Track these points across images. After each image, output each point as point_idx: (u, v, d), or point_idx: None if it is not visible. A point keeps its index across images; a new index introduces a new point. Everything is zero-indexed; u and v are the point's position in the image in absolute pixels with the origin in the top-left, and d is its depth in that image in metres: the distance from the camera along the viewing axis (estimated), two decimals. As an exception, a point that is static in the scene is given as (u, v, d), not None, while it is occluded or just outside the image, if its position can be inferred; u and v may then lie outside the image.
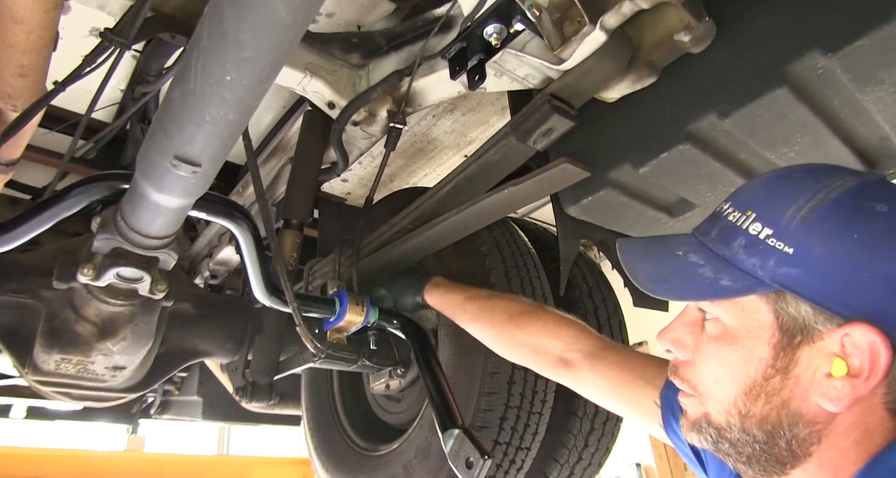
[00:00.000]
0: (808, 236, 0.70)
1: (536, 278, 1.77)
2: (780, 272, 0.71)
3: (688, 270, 0.78)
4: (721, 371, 0.78)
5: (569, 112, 1.39)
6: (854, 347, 0.68)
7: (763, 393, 0.73)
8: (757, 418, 0.74)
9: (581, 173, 1.35)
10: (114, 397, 1.58)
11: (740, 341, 0.76)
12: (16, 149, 1.76)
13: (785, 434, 0.72)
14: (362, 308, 1.62)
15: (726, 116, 1.30)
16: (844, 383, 0.69)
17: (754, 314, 0.75)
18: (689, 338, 0.83)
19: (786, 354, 0.72)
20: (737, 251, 0.75)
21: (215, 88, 0.87)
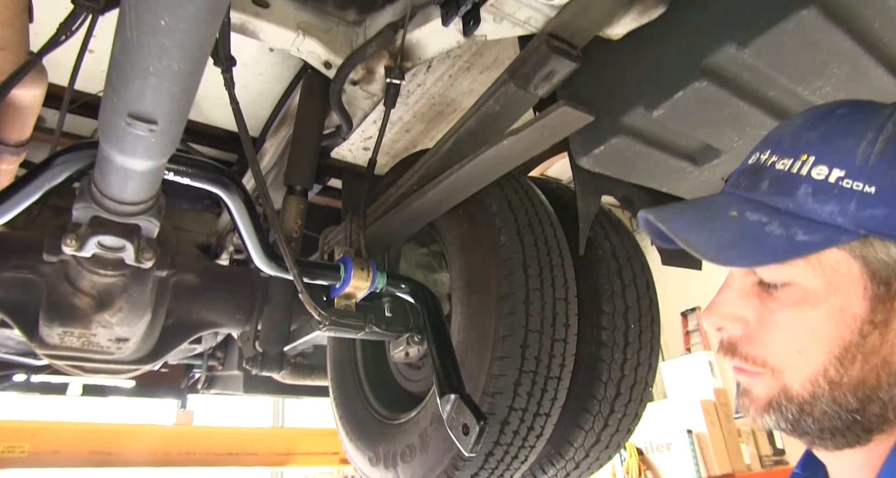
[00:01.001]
0: (886, 171, 0.63)
1: (553, 237, 1.68)
2: (864, 215, 0.63)
3: (754, 231, 0.69)
4: (804, 338, 0.68)
5: (570, 52, 1.29)
6: None
7: (860, 354, 0.65)
8: (852, 384, 0.66)
9: (583, 117, 1.25)
10: (125, 369, 1.59)
11: (826, 301, 0.67)
12: (23, 130, 1.76)
13: (882, 397, 0.65)
14: (368, 273, 1.57)
15: (746, 46, 1.17)
16: None
17: (837, 268, 0.66)
18: (749, 310, 0.73)
19: (884, 306, 0.65)
20: (804, 200, 0.67)
21: (152, 36, 0.82)
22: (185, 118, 0.99)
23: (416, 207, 1.60)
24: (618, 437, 1.79)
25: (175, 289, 1.55)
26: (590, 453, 1.81)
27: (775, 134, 0.75)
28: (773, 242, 0.68)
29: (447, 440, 1.57)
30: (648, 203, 1.79)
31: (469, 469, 1.56)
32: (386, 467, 1.78)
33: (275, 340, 1.66)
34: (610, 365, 1.74)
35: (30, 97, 1.66)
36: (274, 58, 2.14)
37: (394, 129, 2.49)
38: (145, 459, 3.70)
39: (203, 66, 0.92)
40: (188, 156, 1.25)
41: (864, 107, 0.69)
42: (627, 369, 1.77)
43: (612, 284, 1.80)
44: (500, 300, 1.53)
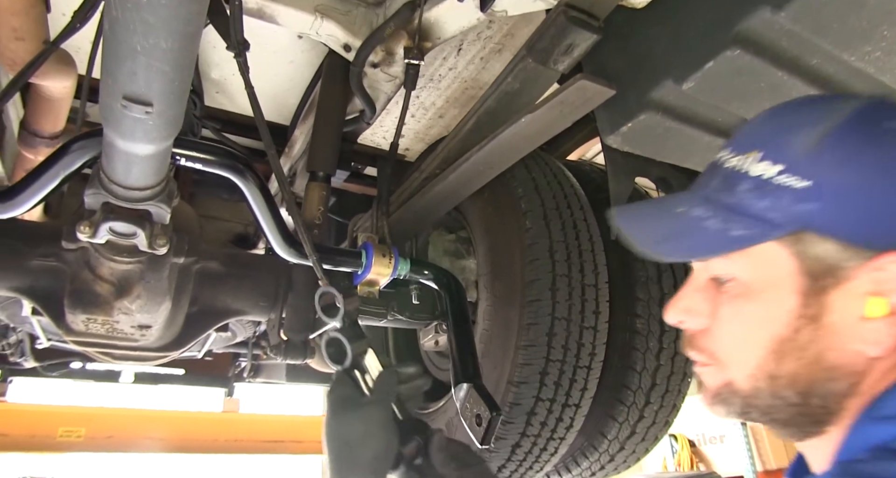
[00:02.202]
0: (823, 165, 0.63)
1: (582, 221, 1.61)
2: (796, 210, 0.64)
3: (693, 225, 0.71)
4: (743, 332, 0.70)
5: (590, 23, 1.21)
6: (890, 282, 0.61)
7: (794, 348, 0.66)
8: (788, 378, 0.66)
9: (604, 92, 1.18)
10: (152, 356, 1.61)
11: (761, 295, 0.68)
12: (56, 122, 1.80)
13: (819, 391, 0.65)
14: (390, 260, 1.53)
15: (782, 9, 1.08)
16: (883, 322, 0.61)
17: (773, 262, 0.67)
18: (703, 304, 0.74)
19: (815, 301, 0.65)
20: (743, 197, 0.68)
21: (135, 13, 0.79)
22: (183, 100, 0.97)
23: (438, 191, 1.56)
24: (654, 429, 1.72)
25: (198, 276, 1.55)
26: (625, 446, 1.74)
27: (738, 131, 0.76)
28: (709, 236, 0.69)
29: (472, 430, 1.53)
30: (685, 183, 1.70)
31: (496, 460, 1.52)
32: (414, 456, 1.76)
33: (299, 327, 1.65)
34: (644, 354, 1.66)
35: (60, 89, 1.69)
36: (304, 45, 2.12)
37: (427, 114, 2.45)
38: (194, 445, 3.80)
39: (195, 43, 0.90)
40: (201, 141, 1.24)
41: (821, 101, 0.71)
42: (664, 359, 1.69)
43: (646, 269, 1.72)
44: (525, 287, 1.48)
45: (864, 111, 0.65)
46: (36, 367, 2.77)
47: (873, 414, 0.61)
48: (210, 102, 2.41)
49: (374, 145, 2.67)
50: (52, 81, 1.62)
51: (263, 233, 1.39)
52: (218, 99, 2.45)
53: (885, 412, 0.60)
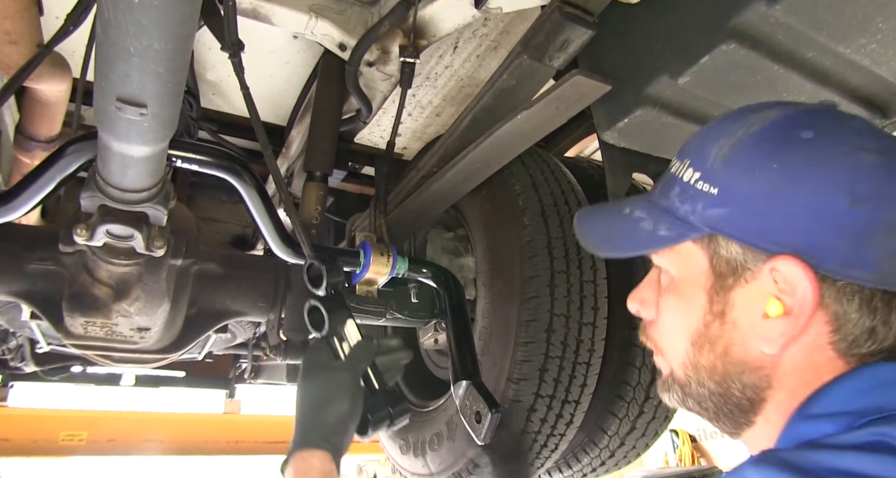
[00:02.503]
0: (729, 173, 0.68)
1: (580, 218, 1.60)
2: (708, 215, 0.69)
3: (631, 226, 0.77)
4: (672, 324, 0.76)
5: (585, 19, 1.21)
6: (785, 283, 0.64)
7: (707, 342, 0.71)
8: (707, 369, 0.72)
9: (599, 87, 1.18)
10: (152, 358, 1.61)
11: (683, 290, 0.74)
12: (52, 125, 1.79)
13: (735, 383, 0.70)
14: (388, 259, 1.53)
15: (777, 2, 1.08)
16: (778, 322, 0.65)
17: (692, 261, 0.73)
18: (652, 295, 0.81)
19: (720, 298, 0.70)
20: (673, 201, 0.73)
21: (128, 14, 0.79)
22: (177, 101, 0.97)
23: (435, 189, 1.55)
24: (654, 424, 1.72)
25: (197, 278, 1.55)
26: (625, 442, 1.74)
27: (688, 140, 0.80)
28: (641, 235, 0.75)
29: (473, 428, 1.53)
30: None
31: (496, 458, 1.52)
32: (415, 454, 1.76)
33: (298, 327, 1.65)
34: (644, 349, 1.66)
35: (55, 92, 1.69)
36: (299, 45, 2.12)
37: (424, 113, 2.45)
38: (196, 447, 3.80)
39: (188, 45, 0.90)
40: (198, 142, 1.24)
41: (748, 111, 0.74)
42: (663, 353, 1.69)
43: (645, 265, 1.71)
44: (524, 283, 1.48)
45: (781, 121, 0.69)
46: (36, 371, 2.77)
47: (804, 413, 0.64)
48: (206, 104, 2.40)
49: (372, 145, 2.67)
50: (46, 85, 1.62)
51: (261, 234, 1.39)
52: (214, 100, 2.44)
53: (813, 411, 0.63)
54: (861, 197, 0.62)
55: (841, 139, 0.66)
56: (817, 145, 0.65)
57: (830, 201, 0.62)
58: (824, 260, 0.63)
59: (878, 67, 1.23)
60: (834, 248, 0.62)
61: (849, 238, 0.62)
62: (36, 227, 1.48)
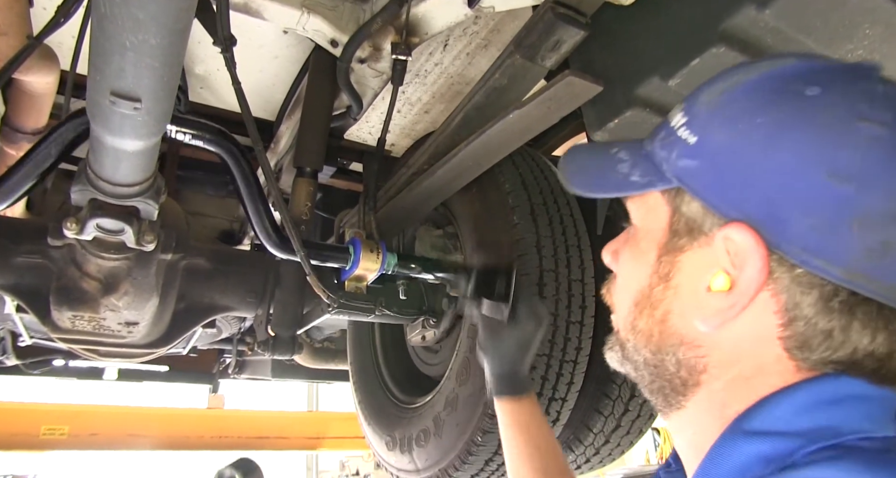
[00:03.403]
0: (711, 122, 0.59)
1: (569, 216, 1.62)
2: (679, 165, 0.61)
3: (609, 166, 0.69)
4: (622, 278, 0.70)
5: (577, 20, 1.22)
6: (735, 256, 0.56)
7: (648, 305, 0.65)
8: (644, 335, 0.65)
9: (592, 88, 1.19)
10: (139, 353, 1.60)
11: (639, 244, 0.68)
12: (39, 118, 1.77)
13: (670, 356, 0.63)
14: (377, 255, 1.54)
15: (766, 6, 1.09)
16: (721, 298, 0.57)
17: (655, 213, 0.66)
18: (619, 245, 0.74)
19: (668, 259, 0.63)
20: (656, 144, 0.65)
21: (124, 8, 0.79)
22: (171, 96, 0.97)
23: (426, 186, 1.56)
24: (639, 422, 1.74)
25: (185, 273, 1.55)
26: (610, 439, 1.76)
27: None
28: (614, 177, 0.67)
29: (460, 425, 1.54)
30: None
31: (483, 454, 1.53)
32: (402, 451, 1.77)
33: (286, 323, 1.65)
34: (630, 348, 1.68)
35: (43, 84, 1.67)
36: (289, 40, 2.11)
37: (413, 110, 2.45)
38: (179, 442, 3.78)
39: (184, 39, 0.90)
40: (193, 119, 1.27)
41: (765, 57, 0.64)
42: (649, 352, 1.71)
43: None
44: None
45: (789, 71, 0.58)
46: (18, 365, 2.74)
47: (744, 427, 0.56)
48: (194, 98, 2.39)
49: (360, 141, 2.67)
50: (35, 77, 1.60)
51: (249, 221, 1.39)
52: (202, 94, 2.43)
53: (755, 426, 0.55)
54: (842, 174, 0.51)
55: (844, 101, 0.54)
56: (816, 104, 0.54)
57: (804, 171, 0.53)
58: (783, 239, 0.53)
59: (863, 73, 1.25)
60: (797, 227, 0.53)
61: (817, 219, 0.52)
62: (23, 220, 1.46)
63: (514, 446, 1.18)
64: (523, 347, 1.27)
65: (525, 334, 1.28)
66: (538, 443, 1.17)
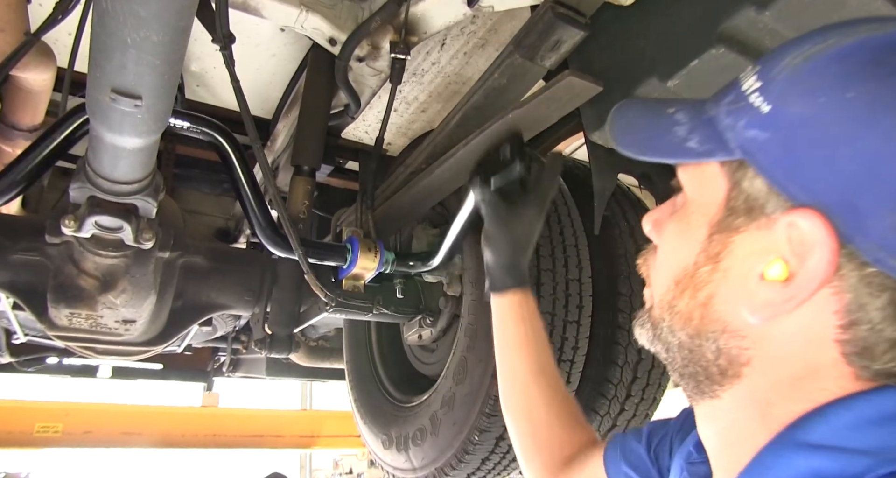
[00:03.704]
0: (790, 91, 0.52)
1: (566, 216, 1.63)
2: (746, 135, 0.54)
3: (664, 126, 0.62)
4: (665, 253, 0.64)
5: (577, 20, 1.22)
6: (799, 245, 0.51)
7: (691, 284, 0.59)
8: (682, 317, 0.59)
9: (591, 88, 1.19)
10: (135, 350, 1.60)
11: (688, 217, 0.61)
12: (35, 114, 1.77)
13: (709, 342, 0.57)
14: (375, 254, 1.54)
15: (766, 8, 1.10)
16: (776, 289, 0.52)
17: (711, 185, 0.59)
18: (664, 215, 0.68)
19: (721, 239, 0.57)
20: (721, 109, 0.58)
21: (126, 6, 0.79)
22: (172, 94, 0.97)
23: (423, 186, 1.56)
24: (635, 421, 1.74)
25: (183, 271, 1.54)
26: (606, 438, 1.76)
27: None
28: (669, 141, 0.60)
29: (457, 424, 1.54)
30: (668, 181, 1.73)
31: (479, 453, 1.53)
32: (398, 450, 1.77)
33: (283, 321, 1.64)
34: (626, 348, 1.69)
35: (39, 81, 1.66)
36: (286, 38, 2.11)
37: (410, 109, 2.45)
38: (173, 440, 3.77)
39: (185, 37, 0.90)
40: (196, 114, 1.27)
41: (859, 20, 0.55)
42: (645, 353, 1.71)
43: (629, 264, 1.75)
44: (511, 281, 1.49)
45: (888, 41, 0.50)
46: (11, 362, 2.73)
47: (798, 438, 0.51)
48: (190, 95, 2.38)
49: (356, 139, 2.66)
50: (31, 73, 1.59)
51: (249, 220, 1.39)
52: (198, 92, 2.42)
53: (811, 438, 0.50)
54: None
55: None
56: None
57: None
58: (858, 233, 0.48)
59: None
60: (877, 221, 0.47)
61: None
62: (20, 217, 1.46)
63: (512, 339, 1.16)
64: (530, 231, 1.23)
65: (531, 218, 1.23)
66: (539, 338, 1.16)
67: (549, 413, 1.09)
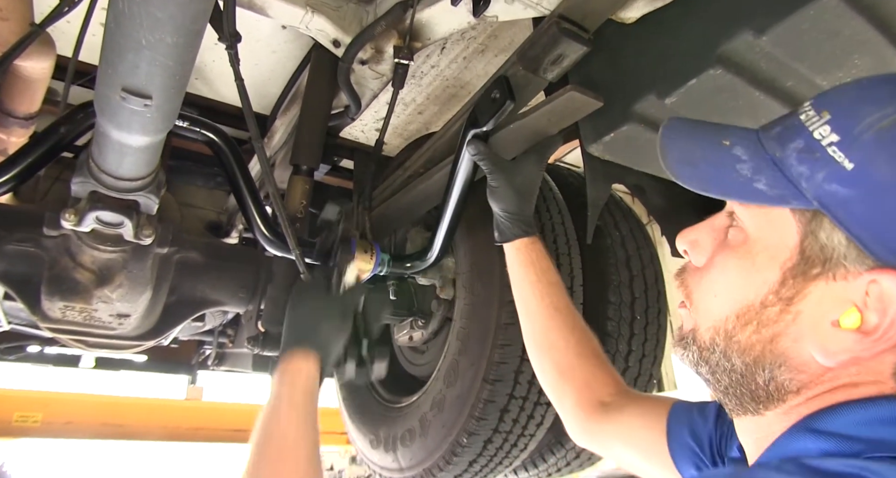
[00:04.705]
0: (877, 153, 0.55)
1: (560, 225, 1.65)
2: (826, 189, 0.57)
3: (725, 162, 0.65)
4: (722, 284, 0.67)
5: (581, 36, 1.24)
6: (878, 301, 0.55)
7: (756, 321, 0.63)
8: (741, 346, 0.64)
9: (592, 103, 1.21)
10: (128, 344, 1.60)
11: (753, 256, 0.65)
12: (32, 103, 1.76)
13: (764, 372, 0.62)
14: (371, 255, 1.55)
15: (764, 33, 1.13)
16: (849, 336, 0.56)
17: (780, 230, 0.62)
18: (710, 243, 0.72)
19: (795, 284, 0.60)
20: (789, 154, 0.61)
21: (144, 8, 0.80)
22: (181, 94, 0.98)
23: (421, 189, 1.58)
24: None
25: (178, 266, 1.55)
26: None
27: (836, 87, 0.68)
28: (733, 178, 0.64)
29: (446, 426, 1.56)
30: (660, 192, 1.76)
31: (467, 455, 1.56)
32: (386, 450, 1.78)
33: (277, 319, 1.65)
34: (614, 356, 1.72)
35: (38, 70, 1.66)
36: (287, 35, 2.11)
37: (407, 110, 2.46)
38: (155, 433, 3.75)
39: (198, 40, 0.91)
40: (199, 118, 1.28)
41: None
42: (632, 361, 1.75)
43: (619, 273, 1.78)
44: (504, 288, 1.50)
45: None
46: (-9, 350, 2.71)
47: (811, 425, 0.59)
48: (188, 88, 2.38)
49: (352, 138, 2.67)
50: (31, 62, 1.59)
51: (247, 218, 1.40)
52: (196, 85, 2.42)
53: (821, 426, 0.58)
54: None
55: None
56: None
57: None
58: None
59: (851, 100, 1.30)
60: None
61: None
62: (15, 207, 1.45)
63: (528, 282, 1.25)
64: (531, 180, 1.31)
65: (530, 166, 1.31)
66: (550, 278, 1.25)
67: (567, 347, 1.17)
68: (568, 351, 1.17)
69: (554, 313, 1.21)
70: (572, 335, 1.19)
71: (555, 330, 1.20)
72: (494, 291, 1.52)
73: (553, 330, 1.20)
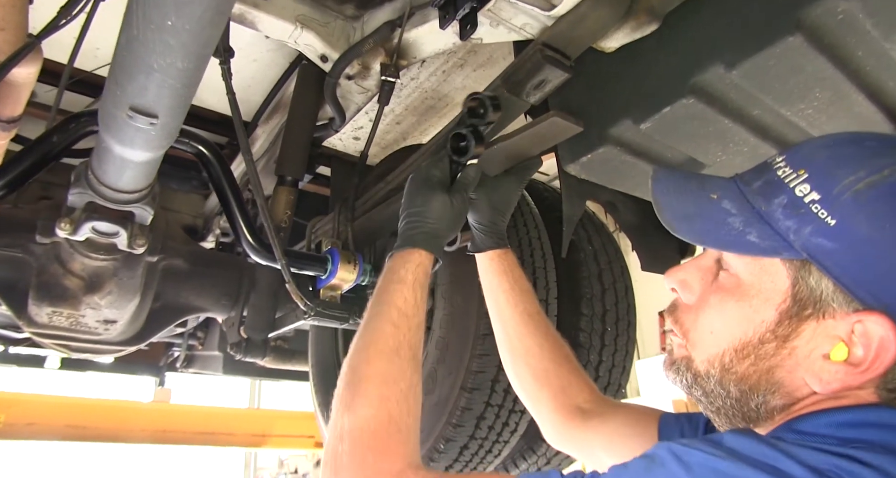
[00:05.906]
0: (856, 212, 0.64)
1: (536, 239, 1.71)
2: (813, 242, 0.66)
3: (717, 216, 0.74)
4: (719, 324, 0.75)
5: (563, 63, 1.31)
6: (862, 337, 0.64)
7: (753, 355, 0.71)
8: (738, 376, 0.72)
9: (572, 128, 1.28)
10: (111, 349, 1.61)
11: (749, 300, 0.72)
12: (16, 106, 1.75)
13: (758, 398, 0.71)
14: (354, 266, 1.59)
15: (734, 67, 1.21)
16: (839, 368, 0.66)
17: (772, 276, 0.71)
18: (698, 283, 0.80)
19: (790, 324, 0.69)
20: (775, 209, 0.70)
21: (157, 34, 0.84)
22: (185, 112, 1.02)
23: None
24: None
25: (163, 273, 1.57)
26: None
27: (801, 144, 0.77)
28: (726, 232, 0.72)
29: (423, 432, 1.61)
30: (631, 209, 1.84)
31: (444, 461, 1.61)
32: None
33: (259, 326, 1.68)
34: (585, 366, 1.78)
35: (25, 75, 1.65)
36: (269, 44, 2.14)
37: (385, 120, 2.51)
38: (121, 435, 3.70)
39: (205, 64, 0.95)
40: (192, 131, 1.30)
41: (889, 145, 0.70)
42: (602, 371, 1.82)
43: (591, 287, 1.85)
44: (482, 299, 1.56)
45: None
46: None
47: (791, 426, 0.67)
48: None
49: (329, 146, 2.70)
50: (18, 67, 1.59)
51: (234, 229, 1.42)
52: (177, 90, 2.43)
53: (800, 427, 0.66)
54: None
55: None
56: None
57: None
58: None
59: (812, 129, 1.38)
60: None
61: None
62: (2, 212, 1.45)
63: (501, 291, 1.30)
64: (508, 198, 1.38)
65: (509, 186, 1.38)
66: (522, 286, 1.31)
67: (542, 352, 1.22)
68: (543, 357, 1.22)
69: (528, 320, 1.26)
70: (546, 341, 1.24)
71: (529, 336, 1.25)
72: (473, 303, 1.58)
73: (528, 336, 1.25)
